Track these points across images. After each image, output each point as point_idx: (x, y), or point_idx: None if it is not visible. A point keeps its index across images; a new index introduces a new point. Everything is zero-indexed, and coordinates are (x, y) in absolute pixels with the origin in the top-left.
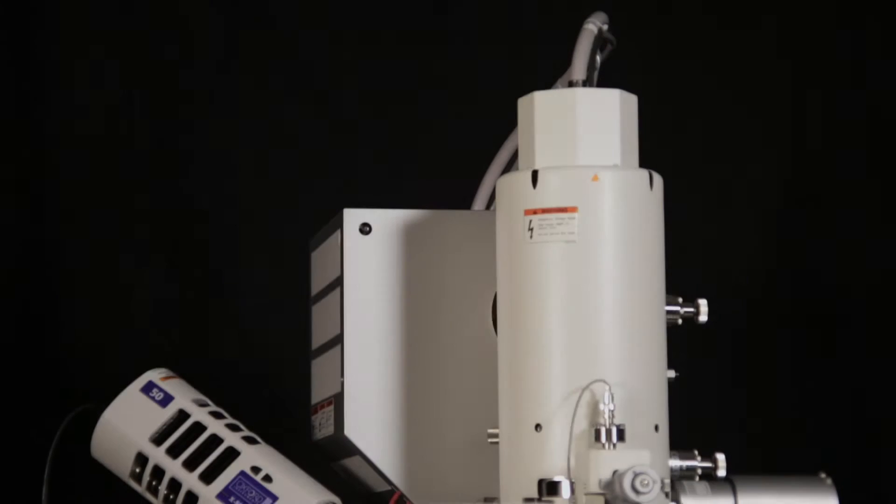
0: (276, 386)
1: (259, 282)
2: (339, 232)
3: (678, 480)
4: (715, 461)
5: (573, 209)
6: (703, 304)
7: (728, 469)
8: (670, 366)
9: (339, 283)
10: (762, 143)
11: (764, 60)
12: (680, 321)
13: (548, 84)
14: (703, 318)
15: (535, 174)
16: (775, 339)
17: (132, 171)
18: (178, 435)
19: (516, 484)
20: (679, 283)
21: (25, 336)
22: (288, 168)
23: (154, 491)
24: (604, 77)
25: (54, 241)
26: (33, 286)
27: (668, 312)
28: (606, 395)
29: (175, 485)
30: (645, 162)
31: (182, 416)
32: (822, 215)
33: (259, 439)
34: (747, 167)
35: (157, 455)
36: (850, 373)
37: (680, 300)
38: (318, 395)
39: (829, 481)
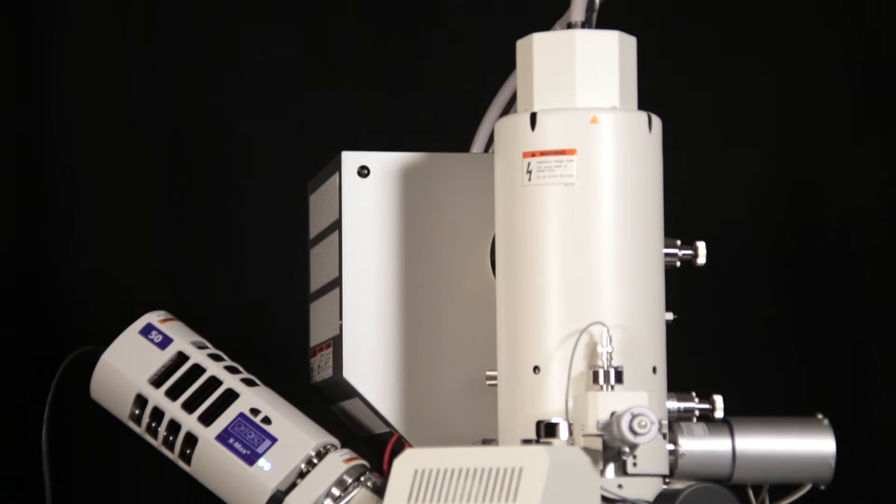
0: (275, 329)
1: (258, 224)
2: (337, 175)
3: (676, 422)
4: (713, 403)
5: (572, 151)
6: (701, 246)
7: (726, 411)
8: (668, 308)
9: (337, 226)
10: (762, 77)
11: None
12: (678, 263)
13: (547, 26)
14: (702, 260)
15: (533, 117)
16: (775, 282)
17: (133, 116)
18: (178, 377)
19: (514, 426)
20: (678, 225)
21: (25, 278)
22: (286, 110)
23: (153, 432)
24: (604, 19)
25: (54, 183)
26: (33, 230)
27: (667, 255)
28: (604, 337)
29: (174, 426)
30: (644, 104)
31: (181, 358)
32: (824, 158)
33: (258, 381)
34: (746, 109)
35: (157, 397)
36: (850, 317)
37: (678, 243)
38: (316, 337)
39: (826, 422)
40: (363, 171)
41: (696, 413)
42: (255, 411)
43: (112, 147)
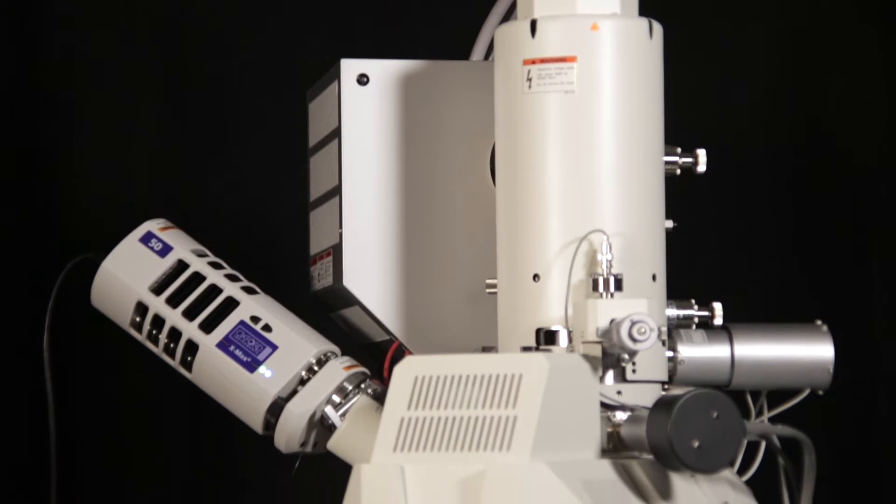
0: (275, 237)
1: (257, 133)
2: (336, 83)
3: (675, 329)
4: (712, 310)
5: (572, 59)
6: (701, 154)
7: (725, 318)
8: (668, 216)
9: (336, 134)
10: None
11: None
12: (678, 171)
13: None
14: (702, 168)
15: (533, 23)
16: (775, 190)
17: (134, 28)
18: (178, 285)
19: (514, 333)
20: (677, 133)
21: (25, 187)
22: (286, 18)
23: (154, 340)
24: None
25: (54, 93)
26: (34, 141)
27: (667, 163)
28: (604, 244)
29: (175, 334)
30: (645, 10)
31: (181, 266)
32: (825, 68)
33: (258, 289)
34: (750, 23)
35: (157, 304)
36: (850, 224)
37: (678, 150)
38: (316, 245)
39: (825, 328)
40: (362, 79)
41: (696, 320)
42: (255, 319)
43: (113, 58)
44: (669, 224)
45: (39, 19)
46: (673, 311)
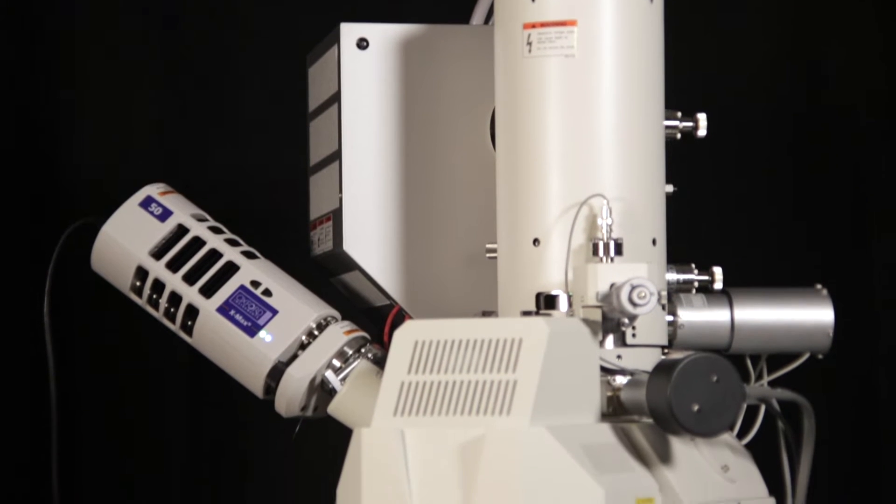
0: (275, 202)
1: (257, 98)
2: (335, 47)
3: (675, 293)
4: (712, 274)
5: (572, 23)
6: (702, 118)
7: (725, 282)
8: (669, 180)
9: (336, 98)
10: None
11: None
12: (679, 136)
13: None
14: (702, 132)
15: None
16: (775, 154)
17: None
18: (178, 249)
19: (514, 298)
20: (678, 97)
21: (25, 151)
22: None
23: (155, 304)
24: None
25: (55, 58)
26: (35, 105)
27: (667, 127)
28: (604, 209)
29: (175, 298)
30: None
31: (181, 230)
32: (825, 36)
33: (258, 254)
34: None
35: (157, 269)
36: (850, 190)
37: (679, 114)
38: (316, 210)
39: (824, 292)
40: (362, 44)
41: (696, 284)
42: (255, 283)
43: (112, 24)
44: (670, 188)
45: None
46: (673, 276)
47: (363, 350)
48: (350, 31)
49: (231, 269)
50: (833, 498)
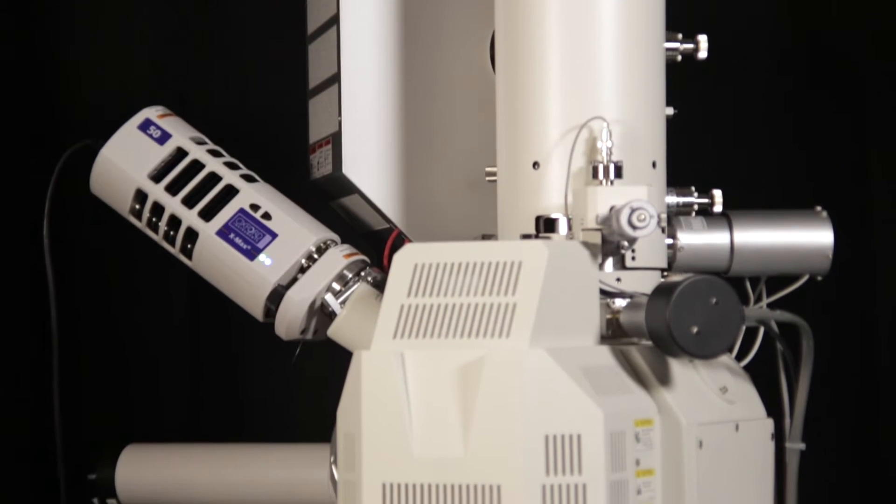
0: (274, 125)
1: (256, 21)
2: None
3: (675, 216)
4: (712, 197)
5: None
6: (702, 40)
7: (724, 205)
8: (669, 103)
9: (335, 21)
10: None
11: None
12: (679, 58)
13: None
14: (703, 54)
15: None
16: (776, 76)
17: None
18: (177, 172)
19: (514, 221)
20: (678, 19)
21: (24, 73)
22: None
23: (154, 227)
24: None
25: None
26: (33, 25)
27: (668, 49)
28: (604, 131)
29: (175, 221)
30: None
31: (180, 153)
32: None
33: (257, 178)
34: None
35: (156, 192)
36: (850, 114)
37: (679, 36)
38: (315, 133)
39: (824, 214)
40: None
41: (696, 207)
42: (255, 207)
43: None
44: (670, 111)
45: None
46: (673, 199)
47: (363, 273)
48: None
49: (230, 192)
50: (832, 419)
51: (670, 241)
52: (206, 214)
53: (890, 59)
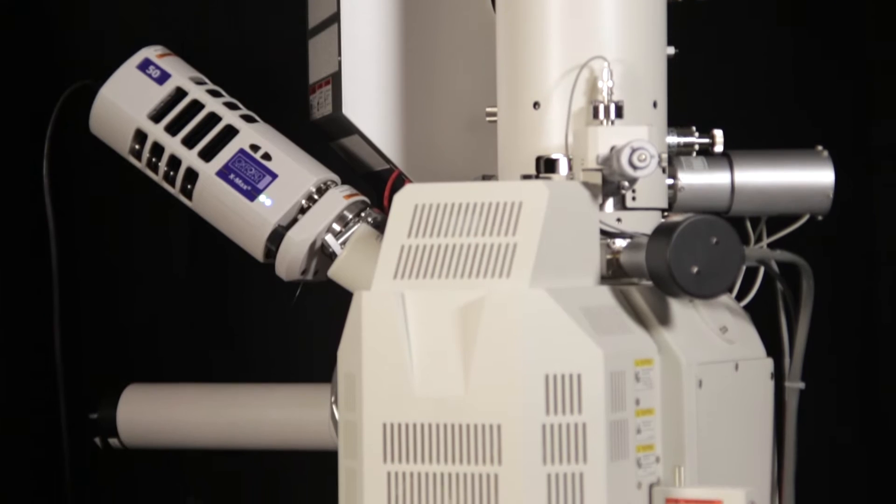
0: (273, 65)
1: None
2: None
3: (675, 156)
4: (713, 137)
5: None
6: None
7: (725, 145)
8: (670, 42)
9: None
10: None
11: None
12: None
13: None
14: None
15: None
16: (778, 15)
17: None
18: (177, 112)
19: (514, 161)
20: None
21: (23, 13)
22: None
23: (154, 167)
24: None
25: None
26: None
27: None
28: (605, 71)
29: (175, 161)
30: None
31: (179, 93)
32: None
33: (257, 118)
34: None
35: (156, 132)
36: (851, 53)
37: None
38: (315, 74)
39: (825, 153)
40: None
41: (696, 147)
42: (255, 147)
43: None
44: (671, 51)
45: None
46: (673, 139)
47: (363, 214)
48: None
49: (230, 132)
50: (832, 358)
51: (671, 181)
52: (206, 155)
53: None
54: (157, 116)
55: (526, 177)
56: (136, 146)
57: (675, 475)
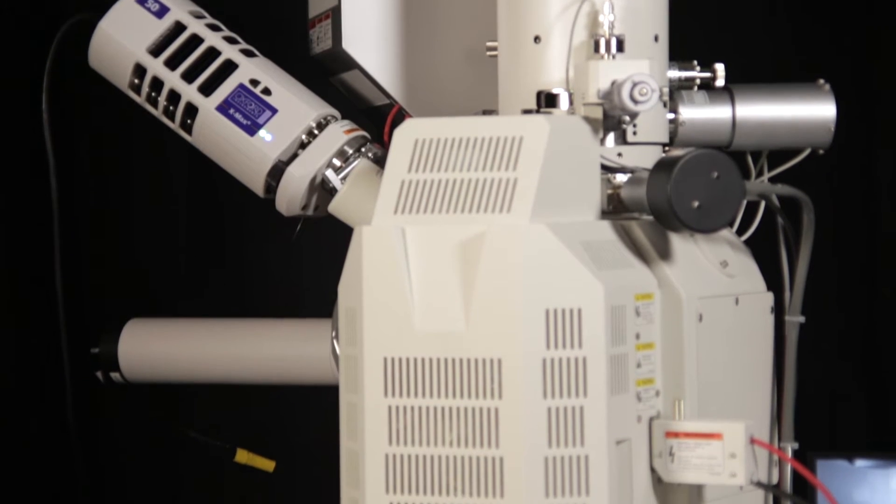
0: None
1: None
2: None
3: (677, 90)
4: (714, 71)
5: None
6: None
7: (727, 78)
8: None
9: None
10: None
11: None
12: None
13: None
14: None
15: None
16: None
17: None
18: (176, 46)
19: (515, 96)
20: None
21: None
22: None
23: (153, 102)
24: None
25: None
26: None
27: None
28: (606, 4)
29: (174, 96)
30: None
31: (179, 27)
32: None
33: (257, 52)
34: None
35: (155, 66)
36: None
37: None
38: (315, 8)
39: (827, 87)
40: None
41: (698, 81)
42: (254, 82)
43: None
44: None
45: None
46: (675, 73)
47: (363, 149)
48: None
49: (230, 67)
50: (832, 292)
51: (672, 115)
52: (206, 89)
53: None
54: (156, 50)
55: (527, 111)
56: (136, 80)
57: (675, 409)
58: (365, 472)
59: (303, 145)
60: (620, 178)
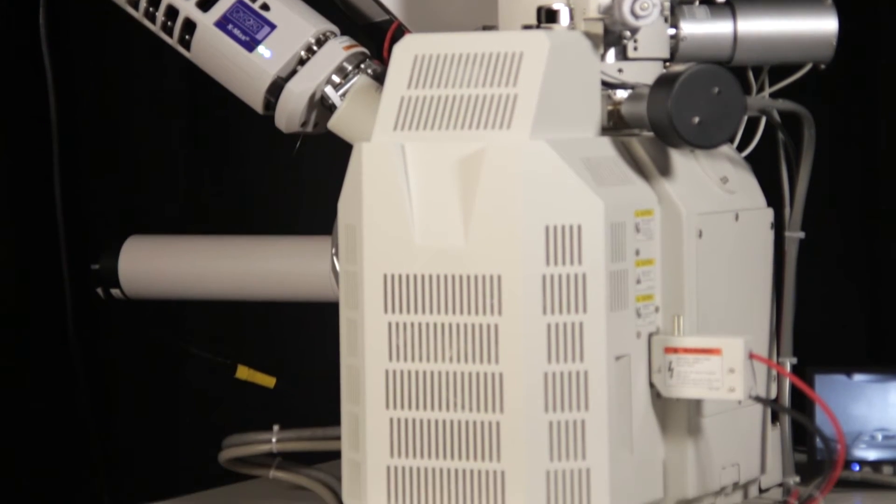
0: None
1: None
2: None
3: (678, 5)
4: None
5: None
6: None
7: None
8: None
9: None
10: None
11: None
12: None
13: None
14: None
15: None
16: None
17: None
18: None
19: (515, 11)
20: None
21: None
22: None
23: (151, 18)
24: None
25: None
26: None
27: None
28: None
29: (172, 11)
30: None
31: None
32: None
33: None
34: None
35: None
36: None
37: None
38: None
39: (829, 2)
40: None
41: None
42: None
43: None
44: None
45: None
46: None
47: (363, 66)
48: None
49: None
50: (833, 208)
51: (673, 30)
52: (204, 4)
53: None
54: None
55: (527, 27)
56: None
57: (675, 324)
58: (365, 388)
59: (302, 61)
60: (621, 94)
